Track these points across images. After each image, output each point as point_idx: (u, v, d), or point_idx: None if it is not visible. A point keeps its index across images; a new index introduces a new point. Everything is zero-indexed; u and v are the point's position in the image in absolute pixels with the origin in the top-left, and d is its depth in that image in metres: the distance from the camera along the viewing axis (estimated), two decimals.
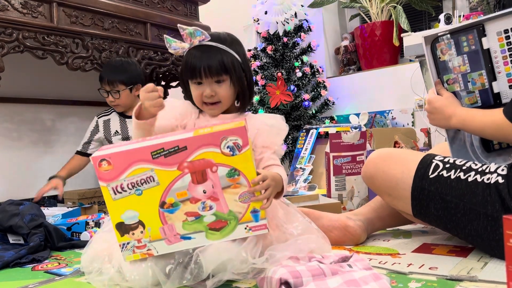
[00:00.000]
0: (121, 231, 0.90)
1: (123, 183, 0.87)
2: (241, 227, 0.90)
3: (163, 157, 0.85)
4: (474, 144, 1.11)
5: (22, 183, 2.26)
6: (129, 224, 0.89)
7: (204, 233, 0.90)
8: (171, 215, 0.89)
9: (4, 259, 1.18)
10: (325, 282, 0.75)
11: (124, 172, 0.86)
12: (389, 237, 1.26)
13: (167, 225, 0.90)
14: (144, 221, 0.89)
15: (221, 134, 0.84)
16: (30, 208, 1.40)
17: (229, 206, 0.89)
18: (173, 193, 0.88)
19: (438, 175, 1.00)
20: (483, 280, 0.85)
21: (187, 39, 1.06)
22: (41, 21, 1.78)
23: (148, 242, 0.90)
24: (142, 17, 2.14)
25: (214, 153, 0.85)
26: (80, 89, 2.51)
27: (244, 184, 0.88)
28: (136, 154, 0.85)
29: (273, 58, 2.66)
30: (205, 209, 0.89)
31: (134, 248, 0.91)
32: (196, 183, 0.87)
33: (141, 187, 0.87)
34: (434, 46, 1.10)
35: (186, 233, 0.90)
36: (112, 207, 0.88)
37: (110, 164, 0.85)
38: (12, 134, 2.24)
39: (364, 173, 1.17)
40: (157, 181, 0.87)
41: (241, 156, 0.86)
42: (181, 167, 0.86)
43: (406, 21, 2.39)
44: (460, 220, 0.98)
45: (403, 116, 2.49)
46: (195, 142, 0.85)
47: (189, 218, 0.89)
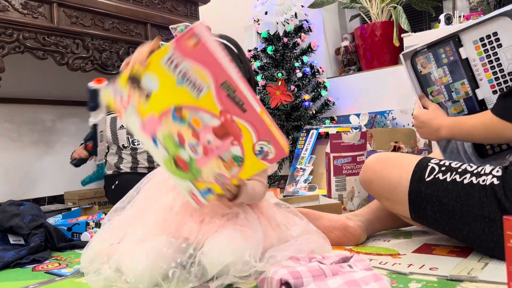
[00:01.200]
0: (131, 80, 0.85)
1: (181, 64, 0.80)
2: (187, 184, 0.88)
3: (226, 94, 0.79)
4: (467, 151, 1.12)
5: (22, 184, 2.26)
6: (142, 84, 0.84)
7: (167, 155, 0.87)
8: (170, 120, 0.84)
9: (4, 260, 1.18)
10: (325, 282, 0.75)
11: (193, 60, 0.79)
12: (389, 238, 1.26)
13: (156, 120, 0.85)
14: (152, 99, 0.84)
15: (269, 136, 0.81)
16: (31, 209, 1.40)
17: (204, 168, 0.86)
18: (194, 114, 0.82)
19: (434, 178, 1.01)
20: (483, 281, 0.85)
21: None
22: (41, 21, 1.78)
23: (131, 107, 0.86)
24: (142, 18, 2.15)
25: (249, 136, 0.81)
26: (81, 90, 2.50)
27: (233, 173, 0.86)
28: (216, 67, 0.78)
29: (273, 58, 2.66)
30: (192, 148, 0.85)
31: (121, 95, 0.87)
32: (212, 132, 0.83)
33: (184, 83, 0.80)
34: (414, 61, 1.12)
35: (159, 139, 0.87)
36: (154, 63, 0.82)
37: (196, 46, 0.77)
38: (12, 135, 2.25)
39: (362, 178, 1.18)
40: (199, 96, 0.80)
41: (257, 163, 0.84)
42: (223, 114, 0.81)
43: (406, 22, 2.39)
44: (457, 223, 0.98)
45: (404, 116, 2.49)
46: (253, 117, 0.80)
47: (175, 137, 0.85)
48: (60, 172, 2.41)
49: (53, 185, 2.38)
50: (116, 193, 2.02)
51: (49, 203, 2.33)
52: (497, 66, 1.03)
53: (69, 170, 2.42)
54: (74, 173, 2.45)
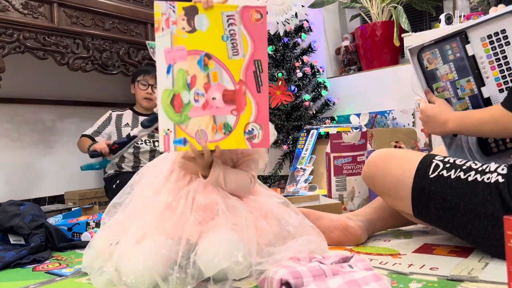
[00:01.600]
0: (188, 10, 0.90)
1: (236, 25, 0.90)
2: (168, 125, 0.91)
3: (254, 69, 0.90)
4: (472, 149, 1.11)
5: (22, 184, 2.26)
6: (195, 19, 0.90)
7: (170, 90, 0.91)
8: (194, 61, 0.90)
9: (5, 260, 1.18)
10: (325, 282, 0.75)
11: (245, 30, 0.90)
12: (389, 238, 1.26)
13: (184, 53, 0.90)
14: (194, 35, 0.90)
15: (263, 123, 0.93)
16: (31, 209, 1.40)
17: (193, 118, 0.91)
18: (217, 69, 0.90)
19: (438, 175, 1.00)
20: (484, 281, 0.85)
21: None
22: (41, 21, 1.78)
23: (170, 31, 0.91)
24: (142, 18, 2.15)
25: (249, 111, 0.91)
26: (81, 90, 2.52)
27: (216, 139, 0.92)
28: (261, 45, 0.91)
29: (274, 58, 2.66)
30: (195, 95, 0.91)
31: (170, 15, 0.90)
32: (224, 94, 0.90)
33: (227, 41, 0.90)
34: (420, 56, 1.11)
35: (173, 71, 0.91)
36: (216, 10, 0.90)
37: (258, 21, 0.90)
38: (12, 135, 2.25)
39: (364, 174, 1.17)
40: (232, 58, 0.90)
41: (243, 140, 0.93)
42: (242, 84, 0.90)
43: (406, 21, 2.39)
44: (460, 220, 0.98)
45: (404, 116, 2.49)
46: (261, 100, 0.91)
47: (188, 77, 0.90)
48: (60, 172, 2.41)
49: (54, 185, 2.38)
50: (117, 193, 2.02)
51: (50, 203, 2.33)
52: (505, 64, 1.02)
53: (69, 170, 2.43)
54: (74, 173, 2.45)
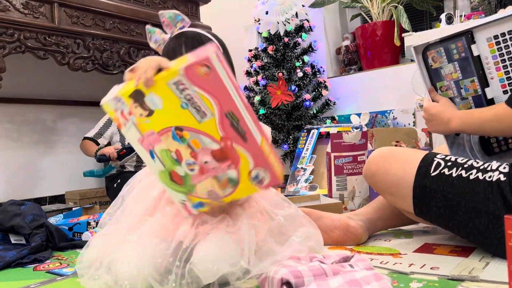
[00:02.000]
0: (134, 95, 0.81)
1: (189, 88, 0.79)
2: (181, 196, 0.89)
3: (228, 122, 0.81)
4: (474, 148, 1.11)
5: (23, 184, 2.26)
6: (145, 101, 0.81)
7: (163, 168, 0.86)
8: (170, 138, 0.84)
9: (5, 259, 1.18)
10: (326, 282, 0.75)
11: (200, 89, 0.78)
12: (390, 237, 1.26)
13: (156, 136, 0.84)
14: (154, 116, 0.82)
15: (263, 164, 0.84)
16: (32, 209, 1.40)
17: (198, 184, 0.87)
18: (195, 137, 0.83)
19: (439, 173, 1.00)
20: (484, 280, 0.85)
21: (168, 26, 1.03)
22: (42, 21, 1.78)
23: (131, 122, 0.84)
24: (143, 18, 2.15)
25: (246, 163, 0.84)
26: (81, 90, 2.52)
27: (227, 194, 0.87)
28: (224, 96, 0.79)
29: (274, 58, 2.66)
30: (189, 166, 0.85)
31: (122, 109, 0.83)
32: (211, 154, 0.84)
33: (189, 107, 0.80)
34: (426, 55, 1.11)
35: (156, 154, 0.86)
36: (160, 83, 0.80)
37: (208, 75, 0.77)
38: (13, 135, 2.25)
39: (365, 172, 1.17)
40: (202, 121, 0.81)
41: (253, 186, 0.86)
42: (224, 139, 0.82)
43: (407, 21, 2.39)
44: (461, 218, 0.97)
45: (404, 116, 2.49)
46: (252, 147, 0.82)
47: (173, 154, 0.85)
48: (60, 172, 2.41)
49: (54, 185, 2.38)
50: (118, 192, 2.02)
51: (50, 203, 2.33)
52: (510, 65, 1.02)
53: (69, 170, 2.43)
54: (74, 173, 2.45)
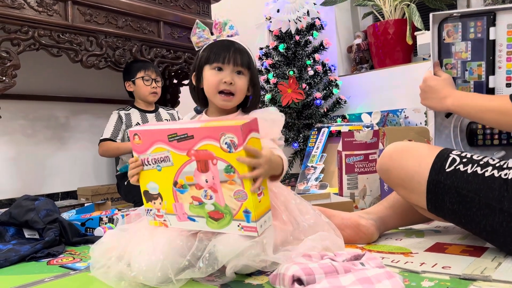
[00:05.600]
0: (146, 198, 1.01)
1: (148, 157, 0.97)
2: (234, 224, 0.92)
3: (176, 141, 0.92)
4: (459, 136, 1.10)
5: (37, 179, 2.29)
6: (152, 193, 1.00)
7: (205, 219, 0.95)
8: (181, 195, 0.96)
9: (20, 253, 1.20)
10: (337, 279, 0.75)
11: (149, 148, 0.96)
12: (401, 236, 1.25)
13: (178, 203, 0.97)
14: (162, 194, 0.99)
15: (220, 130, 0.87)
16: (46, 204, 1.42)
17: (226, 200, 0.92)
18: (183, 176, 0.94)
19: (454, 169, 0.99)
20: (497, 280, 0.84)
21: (218, 29, 1.09)
22: (56, 19, 1.80)
23: (165, 213, 1.00)
24: (155, 16, 2.16)
25: (214, 147, 0.88)
26: (94, 87, 2.54)
27: (238, 183, 0.88)
28: (157, 135, 0.94)
29: (285, 56, 2.66)
30: (207, 197, 0.93)
31: (155, 215, 1.01)
32: (200, 171, 0.92)
33: (160, 164, 0.96)
34: (442, 27, 1.08)
35: (192, 214, 0.97)
36: (142, 176, 1.00)
37: (140, 139, 0.97)
38: (27, 131, 2.28)
39: (379, 166, 1.16)
40: (172, 162, 0.94)
41: (235, 154, 0.87)
42: (189, 154, 0.92)
43: (419, 20, 2.37)
44: (475, 215, 0.97)
45: (416, 115, 2.47)
46: (200, 132, 0.89)
47: (194, 202, 0.95)
48: (73, 168, 2.44)
49: (67, 181, 2.41)
50: (128, 190, 2.04)
51: (62, 199, 2.36)
52: None
53: (82, 166, 2.46)
54: (87, 169, 2.48)
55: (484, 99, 1.01)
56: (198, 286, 0.91)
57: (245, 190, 0.88)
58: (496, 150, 1.09)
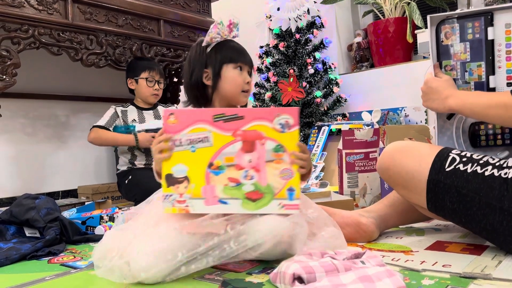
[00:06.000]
0: (168, 182, 0.97)
1: (182, 138, 0.95)
2: (275, 203, 0.95)
3: (222, 122, 0.94)
4: (461, 137, 1.10)
5: (37, 178, 2.30)
6: (177, 177, 0.97)
7: (240, 200, 0.96)
8: (215, 176, 0.96)
9: (21, 252, 1.20)
10: (338, 277, 0.75)
11: (186, 128, 0.95)
12: (402, 235, 1.25)
13: (209, 186, 0.96)
14: (190, 177, 0.96)
15: (276, 111, 0.93)
16: (46, 202, 1.42)
17: (268, 179, 0.95)
18: (222, 157, 0.95)
19: (454, 168, 0.99)
20: (497, 278, 0.84)
21: (230, 29, 1.13)
22: (56, 17, 1.80)
23: (189, 198, 0.97)
24: (155, 14, 2.16)
25: (265, 127, 0.93)
26: (94, 85, 2.54)
27: (287, 161, 0.95)
28: (199, 115, 0.95)
29: (285, 54, 2.66)
30: (247, 177, 0.95)
31: (175, 202, 0.97)
32: (244, 152, 0.94)
33: (196, 145, 0.95)
34: (439, 28, 1.08)
35: (224, 197, 0.96)
36: (168, 159, 0.97)
37: (176, 119, 0.96)
38: (27, 130, 2.28)
39: (379, 165, 1.16)
40: (211, 143, 0.95)
41: (289, 134, 0.94)
42: (236, 134, 0.94)
43: (420, 18, 2.37)
44: (475, 214, 0.97)
45: (417, 113, 2.47)
46: (252, 113, 0.94)
47: (230, 183, 0.96)
48: (73, 166, 2.44)
49: (67, 180, 2.41)
50: (129, 188, 2.04)
51: (63, 198, 2.36)
52: None
53: (82, 165, 2.46)
54: (87, 168, 2.48)
55: (486, 96, 1.01)
56: (199, 284, 0.91)
57: (292, 168, 0.95)
58: (500, 151, 1.09)
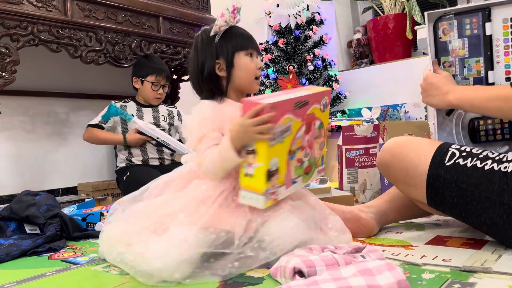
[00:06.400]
0: (268, 177, 0.92)
1: (276, 130, 0.91)
2: (315, 171, 1.07)
3: (298, 108, 0.95)
4: (461, 133, 1.10)
5: (37, 175, 2.29)
6: (272, 170, 0.93)
7: (301, 177, 1.02)
8: (291, 161, 0.98)
9: (21, 248, 1.20)
10: (339, 271, 0.75)
11: (279, 120, 0.91)
12: (401, 230, 1.26)
13: (288, 171, 0.98)
14: (279, 167, 0.95)
15: (323, 94, 1.01)
16: (46, 199, 1.42)
17: (315, 153, 1.05)
18: (295, 142, 0.97)
19: (454, 163, 1.00)
20: (497, 272, 0.84)
21: (235, 16, 1.10)
22: (55, 14, 1.80)
23: (278, 187, 0.95)
24: (154, 11, 2.15)
25: (316, 109, 1.00)
26: (94, 83, 2.54)
27: (322, 135, 1.06)
28: (289, 104, 0.93)
29: (285, 51, 2.66)
30: (306, 155, 1.01)
31: (269, 194, 0.94)
32: (306, 133, 0.99)
33: (284, 135, 0.94)
34: (437, 25, 1.08)
35: (295, 177, 1.01)
36: (267, 153, 0.91)
37: (275, 111, 0.90)
38: (27, 127, 2.28)
39: (379, 161, 1.17)
40: (291, 130, 0.95)
41: (326, 112, 1.05)
42: (303, 119, 0.97)
43: (419, 14, 2.37)
44: (475, 208, 0.97)
45: (416, 110, 2.47)
46: (313, 98, 0.98)
47: (297, 164, 1.00)
48: (73, 164, 2.44)
49: (67, 177, 2.41)
50: (127, 184, 2.03)
51: (63, 195, 2.36)
52: None
53: (82, 162, 2.46)
54: (87, 165, 2.48)
55: (485, 90, 1.01)
56: (200, 279, 0.91)
57: (324, 140, 1.07)
58: (500, 146, 1.10)
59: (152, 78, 2.08)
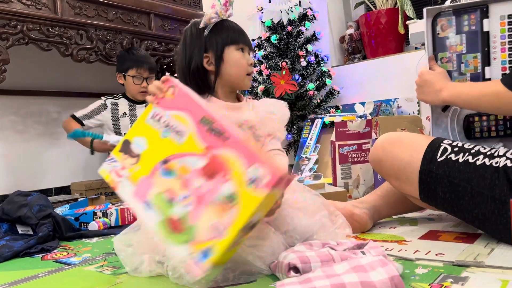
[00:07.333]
0: (123, 147, 0.87)
1: (163, 116, 0.85)
2: (183, 254, 0.75)
3: (206, 129, 0.80)
4: (456, 129, 1.11)
5: (29, 175, 2.28)
6: (132, 149, 0.86)
7: (159, 219, 0.79)
8: (160, 176, 0.81)
9: (14, 249, 1.19)
10: (332, 268, 0.75)
11: (174, 110, 0.84)
12: (395, 225, 1.26)
13: (148, 180, 0.82)
14: (142, 159, 0.85)
15: (258, 160, 0.74)
16: (38, 199, 1.41)
17: (197, 222, 0.76)
18: (181, 163, 0.80)
19: (446, 158, 1.00)
20: (490, 266, 0.85)
21: (227, 9, 1.06)
22: (45, 12, 1.78)
23: (126, 177, 0.85)
24: (145, 8, 2.14)
25: (237, 166, 0.75)
26: (85, 81, 2.52)
27: (231, 218, 0.74)
28: (193, 108, 0.82)
29: (277, 47, 2.65)
30: (183, 201, 0.78)
31: (114, 170, 0.86)
32: (202, 174, 0.78)
33: (168, 133, 0.83)
34: (435, 21, 1.10)
35: (151, 202, 0.81)
36: (139, 125, 0.87)
37: (173, 95, 0.85)
38: (18, 127, 2.26)
39: (372, 157, 1.17)
40: (182, 141, 0.81)
41: (254, 193, 0.73)
42: (206, 151, 0.79)
43: (411, 9, 2.37)
44: (467, 204, 0.97)
45: (409, 104, 2.48)
46: (238, 144, 0.77)
47: (165, 194, 0.80)
48: (66, 163, 2.42)
49: (60, 176, 2.39)
50: None
51: (56, 194, 2.34)
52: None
53: (75, 161, 2.44)
54: (80, 164, 2.47)
55: (478, 86, 1.02)
56: None
57: (230, 229, 0.73)
58: (494, 142, 1.10)
59: (133, 71, 2.03)
